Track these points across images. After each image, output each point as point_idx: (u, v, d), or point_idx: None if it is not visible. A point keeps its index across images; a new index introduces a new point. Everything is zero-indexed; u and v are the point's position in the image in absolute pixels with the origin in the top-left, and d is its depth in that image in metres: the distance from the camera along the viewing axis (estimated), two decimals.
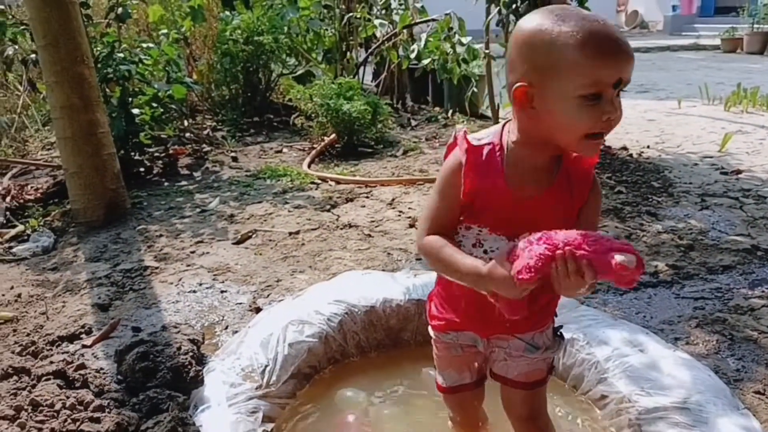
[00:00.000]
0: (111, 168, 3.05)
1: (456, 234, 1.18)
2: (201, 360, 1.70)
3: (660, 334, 1.84)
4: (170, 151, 4.17)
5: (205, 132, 4.81)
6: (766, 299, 2.08)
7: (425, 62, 5.12)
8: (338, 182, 3.63)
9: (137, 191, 3.48)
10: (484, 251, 1.15)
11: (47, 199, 3.34)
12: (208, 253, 2.61)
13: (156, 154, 4.09)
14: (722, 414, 1.45)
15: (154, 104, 3.99)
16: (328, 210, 3.15)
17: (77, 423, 1.27)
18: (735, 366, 1.71)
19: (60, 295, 2.27)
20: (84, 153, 2.94)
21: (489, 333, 1.30)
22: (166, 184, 3.69)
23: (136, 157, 3.86)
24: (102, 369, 1.67)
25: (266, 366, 1.72)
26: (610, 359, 1.71)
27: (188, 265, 2.49)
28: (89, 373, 1.54)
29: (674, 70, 9.22)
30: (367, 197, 3.34)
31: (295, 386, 1.78)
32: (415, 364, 1.90)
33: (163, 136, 4.22)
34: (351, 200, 3.30)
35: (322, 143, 4.40)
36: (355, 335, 1.97)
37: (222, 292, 2.24)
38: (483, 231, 1.15)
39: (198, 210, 3.19)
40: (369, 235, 2.77)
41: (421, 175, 3.70)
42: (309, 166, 3.98)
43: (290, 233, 2.80)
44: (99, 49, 3.73)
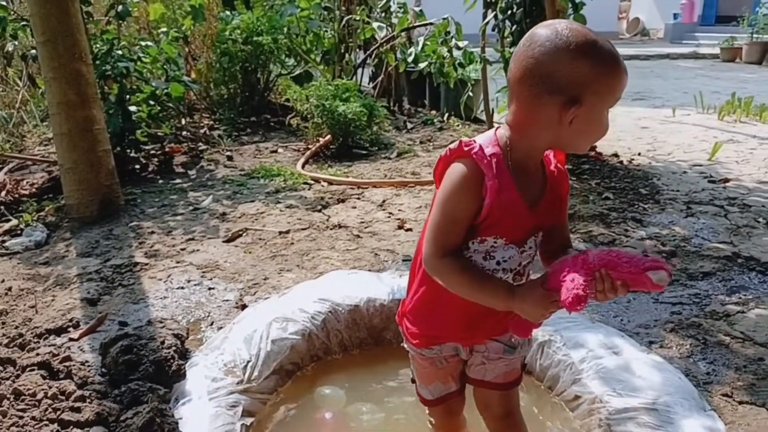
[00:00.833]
0: (106, 164, 3.09)
1: (467, 249, 1.15)
2: (185, 354, 1.74)
3: (635, 338, 1.88)
4: (166, 149, 4.22)
5: (202, 131, 4.85)
6: (743, 305, 2.12)
7: (422, 65, 5.16)
8: (330, 183, 3.67)
9: (132, 188, 3.52)
10: (497, 263, 1.15)
11: (42, 194, 3.37)
12: (198, 251, 2.65)
13: (152, 152, 4.14)
14: (689, 415, 1.49)
15: (152, 102, 4.04)
16: (319, 210, 3.19)
17: (58, 412, 1.31)
18: (705, 369, 1.75)
19: (50, 289, 2.31)
20: (79, 149, 2.98)
21: (473, 341, 1.32)
22: (161, 182, 3.73)
23: (132, 154, 3.90)
24: (87, 361, 1.71)
25: (248, 361, 1.76)
26: (585, 360, 1.75)
27: (178, 262, 2.53)
28: (74, 365, 1.58)
29: (671, 78, 9.26)
30: (359, 198, 3.38)
31: (277, 382, 1.82)
32: (397, 363, 1.93)
33: (160, 134, 4.27)
34: (342, 201, 3.34)
35: (317, 144, 4.44)
36: (339, 333, 2.01)
37: (210, 289, 2.28)
38: (498, 242, 1.14)
39: (191, 208, 3.23)
40: (358, 236, 2.81)
41: (413, 178, 3.74)
42: (303, 167, 4.02)
43: (280, 232, 2.84)
44: (98, 46, 3.77)
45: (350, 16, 5.63)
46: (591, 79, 1.02)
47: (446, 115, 5.65)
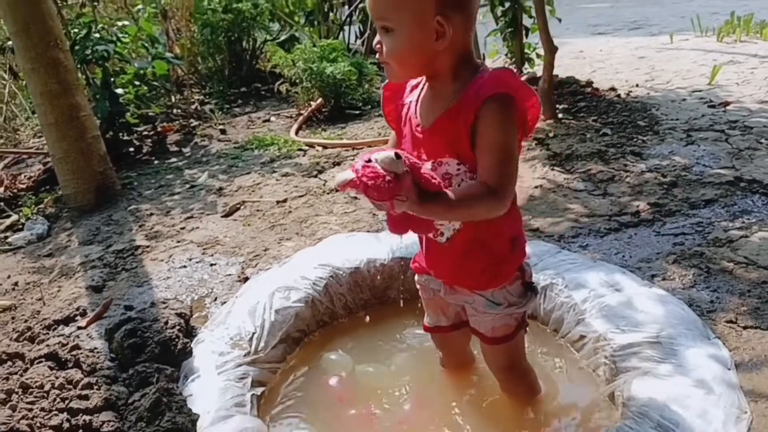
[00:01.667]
0: (97, 151, 3.07)
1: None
2: (189, 333, 1.76)
3: (637, 273, 1.87)
4: (158, 129, 4.18)
5: (193, 106, 4.79)
6: (746, 230, 2.10)
7: None
8: (325, 147, 3.63)
9: (127, 171, 3.51)
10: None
11: (39, 187, 3.38)
12: (198, 228, 2.65)
13: (144, 133, 4.10)
14: (692, 345, 1.50)
15: (137, 83, 3.98)
16: (315, 176, 3.17)
17: (66, 401, 1.33)
18: (709, 298, 1.74)
19: (55, 280, 2.33)
20: (68, 138, 2.96)
21: (444, 279, 1.35)
22: (156, 162, 3.72)
23: (125, 138, 3.87)
24: (96, 348, 1.73)
25: (254, 333, 1.77)
26: (587, 300, 1.75)
27: (178, 242, 2.53)
28: (81, 353, 1.60)
29: (668, 3, 8.97)
30: (354, 160, 3.35)
31: (285, 350, 1.84)
32: (402, 321, 1.95)
33: (150, 114, 4.22)
34: (338, 164, 3.32)
35: (309, 109, 4.38)
36: (342, 297, 2.02)
37: (211, 265, 2.29)
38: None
39: (187, 186, 3.22)
40: (355, 198, 2.79)
41: None
42: (296, 133, 3.98)
43: (278, 202, 2.83)
44: (75, 31, 3.70)
45: None
46: None
47: None
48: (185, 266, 2.31)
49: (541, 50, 3.53)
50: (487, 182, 1.08)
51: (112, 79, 3.78)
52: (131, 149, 3.89)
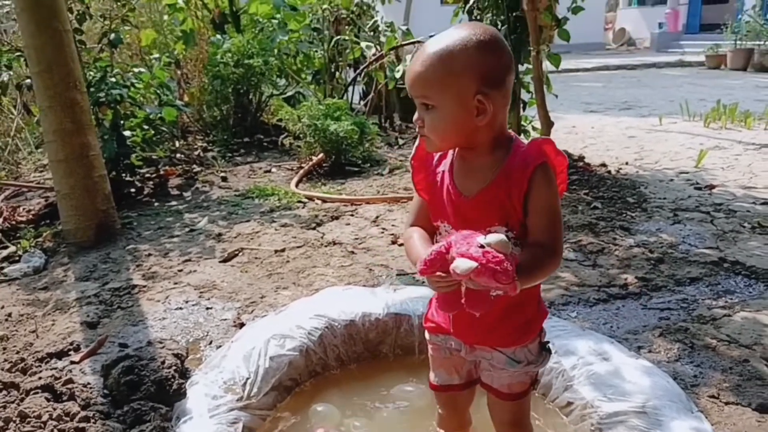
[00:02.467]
0: (102, 189, 3.13)
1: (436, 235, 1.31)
2: (184, 374, 1.78)
3: (624, 343, 1.92)
4: (161, 172, 4.27)
5: (196, 153, 4.91)
6: (729, 309, 2.18)
7: None
8: (324, 201, 3.72)
9: (128, 212, 3.57)
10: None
11: (39, 221, 3.41)
12: (196, 271, 2.69)
13: (147, 175, 4.19)
14: (677, 417, 1.54)
15: (146, 126, 4.10)
16: (314, 228, 3.24)
17: None
18: (693, 372, 1.79)
19: (50, 314, 2.35)
20: (76, 175, 3.03)
21: (469, 340, 1.37)
22: (156, 204, 3.78)
23: (127, 179, 3.95)
24: (89, 383, 1.74)
25: (247, 378, 1.79)
26: (576, 367, 1.79)
27: (175, 283, 2.57)
28: (76, 387, 1.61)
29: (658, 87, 9.41)
30: (352, 215, 3.44)
31: (276, 398, 1.85)
32: (393, 377, 1.98)
33: (154, 158, 4.32)
34: (336, 218, 3.40)
35: (310, 162, 4.51)
36: (335, 348, 2.04)
37: (207, 309, 2.32)
38: (445, 225, 1.27)
39: (187, 229, 3.27)
40: (352, 252, 2.86)
41: (406, 193, 3.80)
42: (297, 185, 4.07)
43: (276, 251, 2.89)
44: (92, 74, 3.84)
45: (339, 37, 5.73)
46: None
47: None
48: (181, 308, 2.33)
49: (537, 123, 3.70)
50: (543, 243, 1.16)
51: (122, 122, 3.89)
52: (133, 190, 3.96)
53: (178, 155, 4.74)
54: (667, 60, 13.75)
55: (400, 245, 2.92)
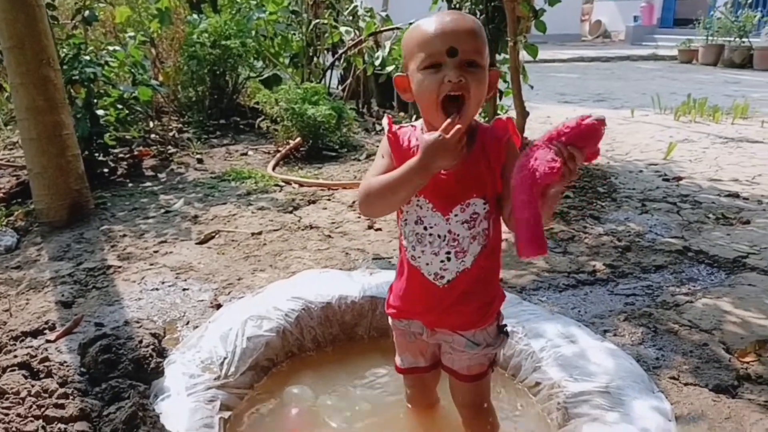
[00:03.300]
0: (75, 169, 3.10)
1: (402, 212, 1.32)
2: (162, 353, 1.79)
3: (591, 327, 2.00)
4: (135, 153, 4.22)
5: (171, 134, 4.86)
6: (691, 296, 2.27)
7: (389, 69, 5.25)
8: (301, 185, 3.73)
9: (101, 192, 3.53)
10: (424, 228, 1.29)
11: (10, 199, 3.36)
12: (172, 253, 2.69)
13: (120, 155, 4.14)
14: (638, 397, 1.61)
15: (119, 106, 4.04)
16: (291, 212, 3.26)
17: (42, 409, 1.35)
18: (655, 355, 1.88)
19: (23, 293, 2.33)
20: (48, 154, 2.99)
21: (432, 324, 1.41)
22: (131, 185, 3.75)
23: (101, 158, 3.90)
24: (65, 362, 1.74)
25: (225, 358, 1.82)
26: (544, 350, 1.86)
27: (151, 264, 2.57)
28: (53, 365, 1.62)
29: (632, 80, 9.56)
30: (329, 200, 3.46)
31: (253, 378, 1.88)
32: (367, 358, 2.02)
33: (128, 138, 4.27)
34: (313, 202, 3.41)
35: (287, 146, 4.50)
36: (312, 330, 2.08)
37: (184, 290, 2.33)
38: (420, 199, 1.27)
39: (162, 211, 3.26)
40: (329, 236, 2.89)
41: None
42: (273, 169, 4.07)
43: (253, 234, 2.90)
44: (65, 51, 3.76)
45: (318, 20, 5.69)
46: (404, 47, 1.24)
47: (414, 117, 5.75)
48: (158, 289, 2.34)
49: (513, 113, 3.76)
50: None
51: (95, 101, 3.83)
52: (106, 170, 3.91)
53: (153, 136, 4.68)
54: (641, 53, 13.96)
55: (377, 230, 2.96)
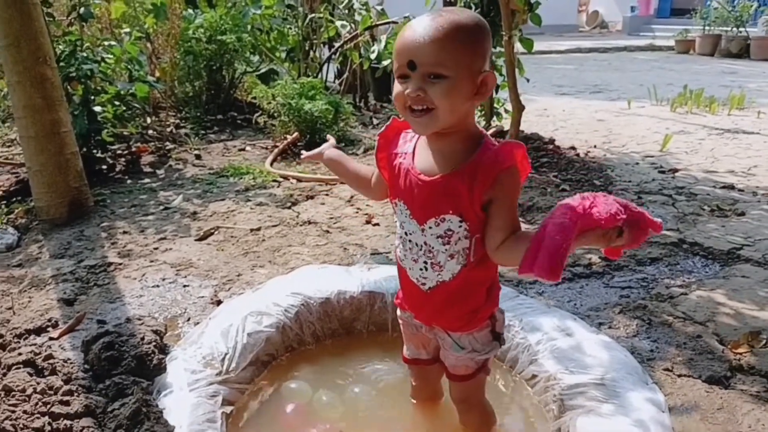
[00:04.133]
0: (74, 166, 3.11)
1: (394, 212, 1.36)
2: (164, 349, 1.82)
3: (587, 320, 2.03)
4: (133, 149, 4.23)
5: (168, 129, 4.86)
6: (686, 288, 2.30)
7: (386, 63, 5.26)
8: (299, 180, 3.75)
9: (100, 189, 3.54)
10: (405, 233, 1.32)
11: (10, 197, 3.37)
12: (171, 249, 2.71)
13: (119, 152, 4.15)
14: (633, 388, 1.64)
15: (117, 102, 4.05)
16: (289, 207, 3.28)
17: (48, 405, 1.38)
18: (649, 347, 1.91)
19: (26, 291, 2.35)
20: (47, 152, 3.00)
21: (424, 321, 1.44)
22: (129, 182, 3.76)
23: (99, 155, 3.90)
24: (69, 359, 1.77)
25: (226, 354, 1.84)
26: (541, 342, 1.89)
27: (152, 261, 2.59)
28: (57, 362, 1.64)
29: (629, 71, 9.57)
30: (327, 195, 3.48)
31: (254, 372, 1.91)
32: (366, 353, 2.05)
33: (126, 134, 4.27)
34: (311, 198, 3.44)
35: (285, 142, 4.51)
36: (311, 325, 2.11)
37: (184, 287, 2.36)
38: (400, 204, 1.30)
39: (161, 207, 3.28)
40: (327, 231, 2.91)
41: None
42: (271, 164, 4.09)
43: (251, 230, 2.92)
44: (61, 48, 3.77)
45: (314, 15, 5.69)
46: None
47: None
48: (158, 285, 2.36)
49: (509, 106, 3.78)
50: (517, 230, 1.21)
51: (93, 97, 3.84)
52: (104, 167, 3.92)
53: (150, 132, 4.69)
54: (638, 44, 13.96)
55: (375, 225, 2.98)
